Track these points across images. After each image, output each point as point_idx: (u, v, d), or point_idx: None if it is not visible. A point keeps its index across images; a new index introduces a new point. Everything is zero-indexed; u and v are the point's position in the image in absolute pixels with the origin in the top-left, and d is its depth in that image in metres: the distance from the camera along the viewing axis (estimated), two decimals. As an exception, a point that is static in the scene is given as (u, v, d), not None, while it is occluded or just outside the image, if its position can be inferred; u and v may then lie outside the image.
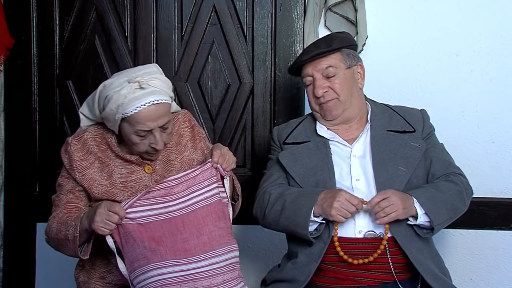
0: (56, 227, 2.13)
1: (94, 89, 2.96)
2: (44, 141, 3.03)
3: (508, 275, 2.81)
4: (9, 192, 3.03)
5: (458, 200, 2.27)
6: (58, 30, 3.01)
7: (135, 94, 2.05)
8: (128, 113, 2.06)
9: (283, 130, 2.47)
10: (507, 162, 2.80)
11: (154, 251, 1.96)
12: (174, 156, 2.25)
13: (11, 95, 3.00)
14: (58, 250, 2.21)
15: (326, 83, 2.33)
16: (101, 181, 2.16)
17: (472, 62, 2.80)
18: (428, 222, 2.19)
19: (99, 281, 2.22)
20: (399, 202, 2.14)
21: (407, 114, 2.41)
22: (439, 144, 2.42)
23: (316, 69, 2.34)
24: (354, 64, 2.38)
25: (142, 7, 2.96)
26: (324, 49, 2.33)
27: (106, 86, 2.12)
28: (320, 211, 2.20)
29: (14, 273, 3.05)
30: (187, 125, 2.30)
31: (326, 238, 2.22)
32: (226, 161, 2.11)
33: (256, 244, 2.88)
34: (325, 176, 2.29)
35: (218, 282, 1.98)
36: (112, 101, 2.07)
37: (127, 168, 2.19)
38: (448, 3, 2.80)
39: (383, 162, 2.27)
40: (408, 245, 2.20)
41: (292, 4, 2.89)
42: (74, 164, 2.17)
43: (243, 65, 2.95)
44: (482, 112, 2.80)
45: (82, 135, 2.21)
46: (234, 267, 2.04)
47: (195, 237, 2.01)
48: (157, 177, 2.20)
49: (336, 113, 2.35)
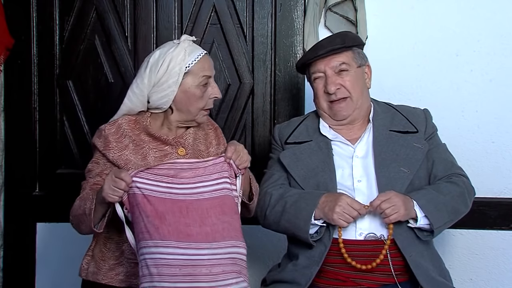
0: (78, 204, 2.18)
1: (94, 89, 3.00)
2: (44, 141, 3.03)
3: (508, 275, 2.81)
4: (9, 192, 3.03)
5: (459, 202, 2.26)
6: (58, 30, 3.01)
7: (192, 47, 2.22)
8: (192, 63, 2.20)
9: (285, 129, 2.45)
10: (507, 162, 2.80)
11: (157, 229, 1.96)
12: (204, 147, 2.30)
13: (11, 95, 3.00)
14: (77, 229, 2.23)
15: (338, 80, 2.31)
16: (136, 161, 2.20)
17: (472, 62, 2.80)
18: (428, 224, 2.19)
19: (108, 272, 2.22)
20: (401, 203, 2.14)
21: (410, 114, 2.39)
22: (441, 144, 2.40)
23: (329, 65, 2.31)
24: (363, 64, 2.38)
25: (142, 7, 2.97)
26: (339, 45, 2.31)
27: (156, 54, 2.22)
28: (322, 215, 2.19)
29: (14, 273, 3.05)
30: (210, 127, 2.39)
31: (327, 241, 2.21)
32: (240, 158, 2.12)
33: (256, 244, 2.88)
34: (326, 178, 2.28)
35: (217, 272, 1.98)
36: (173, 59, 2.18)
37: (161, 151, 2.23)
38: (448, 3, 2.80)
39: (385, 163, 2.26)
40: (408, 248, 2.19)
41: (292, 4, 2.89)
42: (110, 144, 2.21)
43: (243, 65, 2.95)
44: (482, 112, 2.80)
45: (116, 121, 2.26)
46: (237, 262, 2.02)
47: (197, 225, 2.01)
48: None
49: (347, 114, 2.34)
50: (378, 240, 2.20)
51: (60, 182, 2.99)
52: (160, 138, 2.24)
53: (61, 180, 2.99)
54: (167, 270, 1.94)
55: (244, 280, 2.03)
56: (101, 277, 2.22)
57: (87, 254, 2.29)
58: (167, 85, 2.19)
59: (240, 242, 2.04)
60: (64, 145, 3.03)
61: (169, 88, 2.19)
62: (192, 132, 2.29)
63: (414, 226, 2.19)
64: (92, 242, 2.30)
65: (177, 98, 2.21)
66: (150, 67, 2.20)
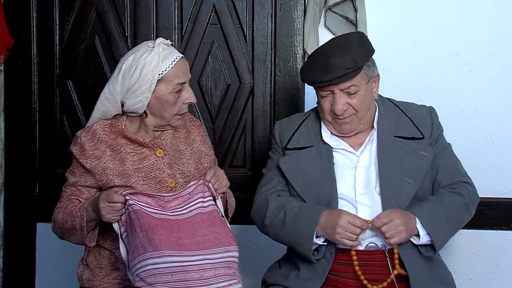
0: (62, 217, 2.20)
1: (94, 89, 3.00)
2: (44, 141, 3.03)
3: (508, 275, 2.81)
4: (9, 192, 3.03)
5: (462, 213, 2.23)
6: (58, 30, 3.01)
7: (166, 52, 2.17)
8: (166, 70, 2.16)
9: (285, 131, 2.38)
10: (507, 162, 2.80)
11: (150, 241, 1.97)
12: (184, 146, 2.30)
13: (11, 95, 3.00)
14: (63, 239, 2.27)
15: (346, 99, 2.21)
16: (114, 168, 2.19)
17: (472, 62, 2.80)
18: (430, 241, 2.16)
19: (105, 278, 2.23)
20: (403, 227, 2.09)
21: (415, 116, 2.30)
22: (447, 147, 2.34)
23: (338, 87, 2.20)
24: (373, 76, 2.27)
25: (142, 7, 2.97)
26: (351, 70, 2.16)
27: (129, 60, 2.17)
28: (324, 234, 2.16)
29: (14, 273, 3.05)
30: (193, 123, 2.38)
31: (329, 256, 2.19)
32: (219, 183, 2.16)
33: (256, 244, 2.88)
34: (327, 188, 2.23)
35: (209, 276, 1.99)
36: (146, 66, 2.14)
37: (138, 154, 2.22)
38: (448, 3, 2.80)
39: (389, 173, 2.20)
40: (411, 262, 2.16)
41: (292, 4, 2.88)
42: (86, 153, 2.20)
43: (243, 65, 2.95)
44: (482, 112, 2.80)
45: (91, 127, 2.25)
46: (229, 265, 2.04)
47: (189, 237, 2.03)
48: (169, 160, 2.23)
49: (351, 128, 2.26)
50: (379, 250, 2.17)
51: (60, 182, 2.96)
52: (137, 141, 2.22)
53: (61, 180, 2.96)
54: (160, 278, 1.95)
55: (237, 282, 2.04)
56: (97, 283, 2.23)
57: (81, 263, 2.30)
58: (141, 91, 2.17)
59: (232, 247, 2.06)
60: (64, 145, 3.02)
61: (142, 94, 2.17)
62: (170, 132, 2.27)
63: (417, 243, 2.16)
64: (84, 251, 2.30)
65: (151, 103, 2.19)
66: (122, 74, 2.17)
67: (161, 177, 2.20)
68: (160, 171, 2.21)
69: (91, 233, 2.18)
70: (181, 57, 2.20)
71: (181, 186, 2.20)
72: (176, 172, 2.23)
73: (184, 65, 2.20)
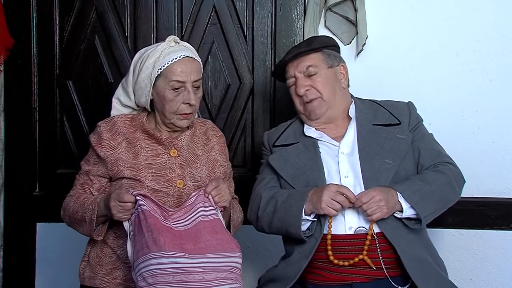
0: (73, 207, 2.23)
1: (94, 89, 3.01)
2: (44, 141, 3.03)
3: (508, 275, 2.81)
4: (9, 192, 3.03)
5: (447, 190, 2.28)
6: (58, 30, 3.01)
7: (171, 49, 2.21)
8: (164, 65, 2.18)
9: (273, 134, 2.50)
10: (507, 162, 2.80)
11: (155, 241, 1.98)
12: (201, 152, 2.32)
13: (11, 95, 3.00)
14: (71, 227, 2.29)
15: (307, 82, 2.38)
16: (126, 160, 2.22)
17: (472, 62, 2.80)
18: (415, 214, 2.21)
19: (105, 277, 2.24)
20: (383, 203, 2.16)
21: (393, 107, 2.44)
22: (427, 134, 2.43)
23: (297, 69, 2.40)
24: (336, 65, 2.44)
25: (142, 7, 2.97)
26: (304, 48, 2.40)
27: (142, 52, 2.26)
28: (311, 207, 2.21)
29: (14, 273, 3.05)
30: (215, 133, 2.41)
31: (318, 234, 2.24)
32: (220, 197, 2.16)
33: (256, 244, 2.88)
34: (315, 175, 2.31)
35: (211, 278, 1.99)
36: (148, 58, 2.20)
37: (153, 151, 2.25)
38: (448, 4, 2.80)
39: (369, 156, 2.30)
40: (397, 238, 2.20)
41: (292, 4, 2.89)
42: (103, 142, 2.24)
43: (243, 65, 2.95)
44: (482, 112, 2.80)
45: (112, 118, 2.31)
46: (232, 270, 2.04)
47: (192, 243, 2.04)
48: (181, 161, 2.26)
49: (320, 112, 2.39)
50: (368, 234, 2.21)
51: (60, 182, 2.98)
52: (155, 136, 2.26)
53: (61, 180, 2.98)
54: (161, 278, 1.96)
55: (239, 286, 2.05)
56: (98, 282, 2.24)
57: (83, 260, 2.31)
58: (144, 85, 2.23)
59: (235, 253, 2.07)
60: (64, 145, 3.03)
61: (145, 88, 2.23)
62: (188, 134, 2.30)
63: (400, 217, 2.21)
64: (87, 247, 2.32)
65: (154, 99, 2.25)
66: (133, 65, 2.26)
67: (170, 176, 2.23)
68: (170, 170, 2.23)
69: (100, 226, 2.20)
70: (185, 56, 2.21)
71: (190, 189, 2.22)
72: (186, 175, 2.24)
73: (188, 65, 2.21)
